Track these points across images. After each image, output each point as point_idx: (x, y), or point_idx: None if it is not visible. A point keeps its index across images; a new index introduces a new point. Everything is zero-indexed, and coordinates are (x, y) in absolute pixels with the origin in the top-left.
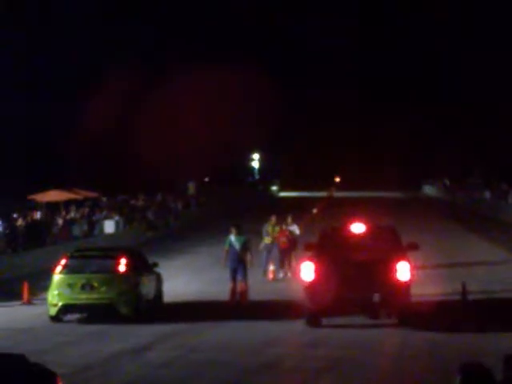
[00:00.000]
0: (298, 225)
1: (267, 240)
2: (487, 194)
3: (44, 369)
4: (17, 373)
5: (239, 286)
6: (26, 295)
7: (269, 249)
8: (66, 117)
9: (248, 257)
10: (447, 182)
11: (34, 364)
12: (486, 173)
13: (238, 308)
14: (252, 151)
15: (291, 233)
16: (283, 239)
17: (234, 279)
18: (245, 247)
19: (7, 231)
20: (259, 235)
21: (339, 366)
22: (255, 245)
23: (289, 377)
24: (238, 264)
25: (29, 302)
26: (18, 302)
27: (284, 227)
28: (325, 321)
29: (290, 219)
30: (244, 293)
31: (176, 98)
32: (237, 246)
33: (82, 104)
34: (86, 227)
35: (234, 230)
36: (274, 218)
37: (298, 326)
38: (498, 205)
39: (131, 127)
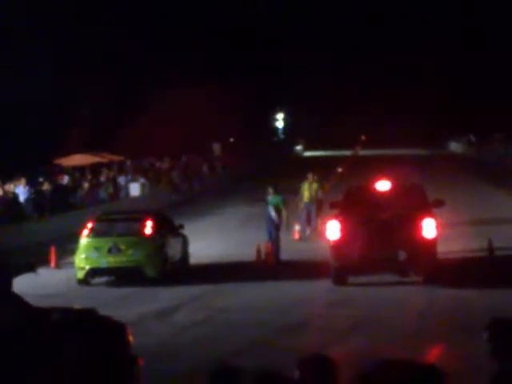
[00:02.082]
0: (324, 184)
1: (306, 199)
2: None
3: (113, 320)
4: (90, 324)
5: (267, 246)
6: (53, 259)
7: (308, 208)
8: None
9: (283, 216)
10: (472, 138)
11: (103, 316)
12: (510, 127)
13: (266, 268)
14: (276, 111)
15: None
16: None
17: (270, 239)
18: (279, 207)
19: (33, 196)
20: (292, 194)
21: (366, 324)
22: (292, 205)
23: (316, 336)
24: (269, 223)
25: (57, 267)
26: (46, 267)
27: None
28: (351, 279)
29: (317, 179)
30: (270, 253)
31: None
32: (272, 205)
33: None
34: (111, 190)
35: (270, 190)
36: (310, 176)
37: (325, 285)
38: None
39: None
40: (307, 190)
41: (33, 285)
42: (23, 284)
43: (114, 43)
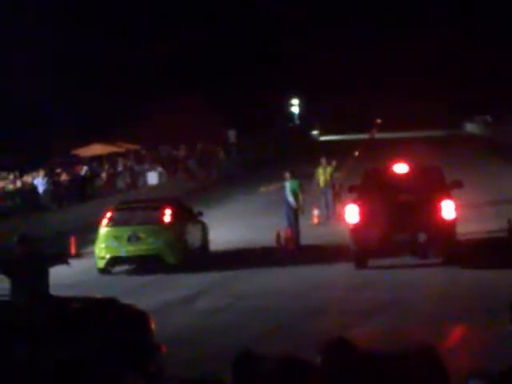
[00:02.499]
0: (341, 168)
1: (321, 183)
2: None
3: (135, 309)
4: (112, 312)
5: (286, 232)
6: (73, 249)
7: (324, 192)
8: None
9: (300, 201)
10: (489, 119)
11: (126, 305)
12: None
13: (286, 254)
14: (291, 97)
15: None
16: (336, 182)
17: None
18: (296, 192)
19: (52, 187)
20: (308, 178)
21: (387, 307)
22: (308, 190)
23: (338, 320)
24: (287, 208)
25: (77, 256)
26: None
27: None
28: (371, 262)
29: (334, 163)
30: (290, 239)
31: None
32: (289, 190)
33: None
34: (129, 180)
35: (287, 175)
36: (323, 161)
37: (345, 269)
38: None
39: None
40: (322, 175)
41: (53, 275)
42: None
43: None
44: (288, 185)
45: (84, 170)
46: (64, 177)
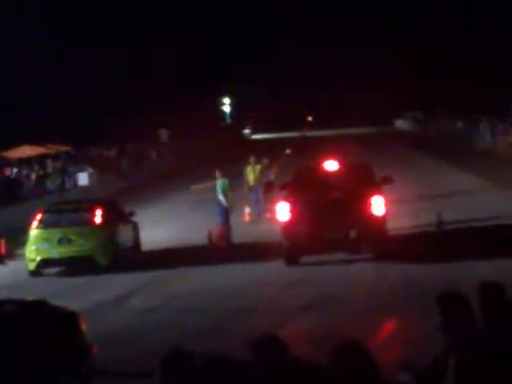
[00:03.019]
0: (273, 166)
1: (251, 181)
2: (459, 124)
3: (65, 310)
4: (42, 314)
5: (218, 230)
6: (3, 252)
7: (255, 190)
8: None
9: (229, 200)
10: (419, 115)
11: (55, 307)
12: (456, 103)
13: (218, 252)
14: (222, 95)
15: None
16: (264, 180)
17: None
18: (225, 190)
19: None
20: (239, 177)
21: (320, 303)
22: (239, 188)
23: (272, 317)
24: (219, 207)
25: (6, 258)
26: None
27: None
28: (303, 259)
29: (266, 161)
30: (222, 236)
31: None
32: (220, 189)
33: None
34: (59, 181)
35: (218, 174)
36: (252, 159)
37: (277, 267)
38: (470, 134)
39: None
40: (251, 173)
41: None
42: None
43: None
44: (218, 183)
45: (14, 171)
46: None
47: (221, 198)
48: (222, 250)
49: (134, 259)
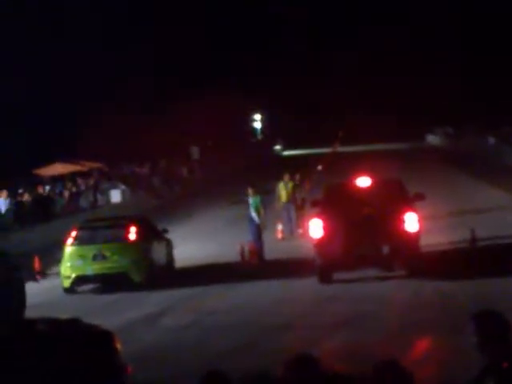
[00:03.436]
0: (305, 183)
1: (283, 198)
2: (491, 140)
3: (100, 328)
4: (76, 333)
5: (250, 247)
6: (37, 269)
7: (286, 208)
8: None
9: (262, 217)
10: (450, 130)
11: (89, 325)
12: (488, 118)
13: (251, 269)
14: (253, 112)
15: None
16: (298, 197)
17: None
18: (257, 208)
19: (14, 207)
20: (271, 194)
21: (353, 320)
22: (270, 205)
23: (304, 334)
24: (251, 224)
25: (41, 276)
26: (30, 278)
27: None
28: (336, 276)
29: (298, 178)
30: (254, 253)
31: None
32: (252, 206)
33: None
34: (92, 198)
35: (250, 191)
36: (287, 177)
37: (310, 284)
38: (502, 149)
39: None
40: (284, 190)
41: None
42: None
43: None
44: (251, 200)
45: (46, 189)
46: (26, 197)
47: (253, 214)
48: (254, 267)
49: (168, 276)
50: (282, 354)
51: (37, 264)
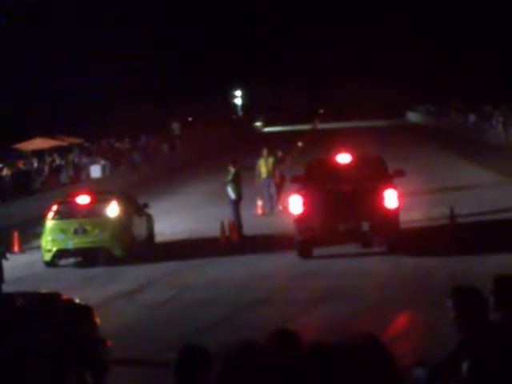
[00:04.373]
0: (285, 159)
1: (264, 174)
2: (471, 118)
3: (79, 303)
4: (56, 307)
5: (230, 223)
6: (16, 244)
7: (267, 184)
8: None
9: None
10: (430, 108)
11: (69, 299)
12: (469, 96)
13: (230, 244)
14: (234, 88)
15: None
16: (278, 173)
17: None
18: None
19: None
20: (251, 171)
21: (332, 296)
22: (251, 180)
23: (284, 309)
24: (230, 200)
25: (20, 251)
26: (10, 252)
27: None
28: (315, 252)
29: (280, 153)
30: (234, 229)
31: None
32: (228, 180)
33: None
34: (72, 173)
35: (230, 166)
36: (265, 152)
37: (290, 259)
38: (482, 127)
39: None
40: (264, 166)
41: None
42: None
43: None
44: (228, 175)
45: (34, 164)
46: (6, 171)
47: (228, 189)
48: (233, 243)
49: (148, 251)
50: (260, 329)
51: (16, 240)
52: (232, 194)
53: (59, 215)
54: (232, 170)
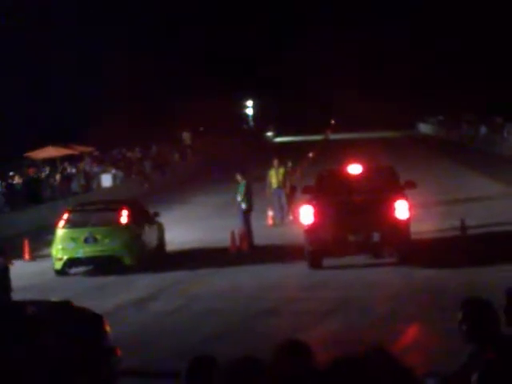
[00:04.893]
0: (296, 169)
1: (274, 185)
2: (483, 130)
3: (89, 311)
4: (67, 316)
5: (241, 233)
6: (27, 252)
7: (277, 194)
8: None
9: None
10: (442, 120)
11: (79, 308)
12: (480, 108)
13: (240, 254)
14: (245, 98)
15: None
16: (288, 183)
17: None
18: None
19: (4, 190)
20: (262, 181)
21: (342, 307)
22: (262, 191)
23: (293, 320)
24: (238, 210)
25: (31, 259)
26: (21, 260)
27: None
28: (326, 262)
29: (290, 164)
30: (245, 239)
31: None
32: (239, 191)
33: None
34: (83, 182)
35: (239, 177)
36: (276, 162)
37: (300, 270)
38: (493, 139)
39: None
40: (274, 176)
41: None
42: None
43: None
44: (239, 186)
45: (44, 172)
46: (17, 179)
47: (239, 200)
48: (244, 253)
49: (159, 260)
50: (269, 339)
51: (26, 247)
52: (243, 205)
53: (70, 224)
54: (241, 180)
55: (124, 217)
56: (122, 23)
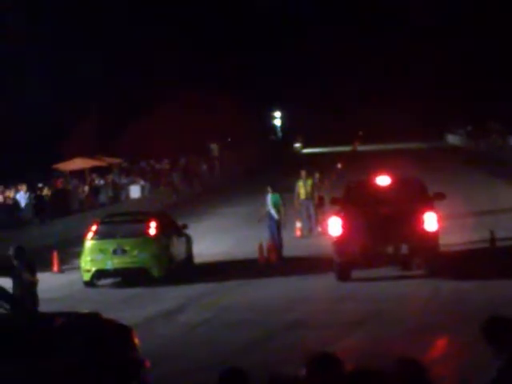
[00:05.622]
0: (324, 181)
1: (302, 196)
2: (511, 140)
3: (118, 323)
4: (94, 328)
5: (269, 244)
6: (56, 264)
7: (306, 205)
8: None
9: (281, 214)
10: (470, 130)
11: (108, 320)
12: (509, 118)
13: (268, 266)
14: (273, 109)
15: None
16: (316, 195)
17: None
18: (277, 205)
19: (34, 201)
20: (291, 191)
21: (370, 319)
22: (290, 202)
23: (321, 332)
24: (270, 220)
25: (59, 271)
26: (49, 272)
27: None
28: (354, 274)
29: (317, 176)
30: (273, 250)
31: None
32: (271, 204)
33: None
34: (111, 193)
35: (269, 189)
36: (303, 173)
37: (328, 282)
38: None
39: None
40: (302, 188)
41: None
42: None
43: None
44: (270, 198)
45: (71, 184)
46: (46, 191)
47: (272, 211)
48: (272, 264)
49: (187, 272)
50: (300, 352)
51: (55, 259)
52: (275, 215)
53: (99, 235)
54: (274, 193)
55: (152, 228)
56: (160, 34)
